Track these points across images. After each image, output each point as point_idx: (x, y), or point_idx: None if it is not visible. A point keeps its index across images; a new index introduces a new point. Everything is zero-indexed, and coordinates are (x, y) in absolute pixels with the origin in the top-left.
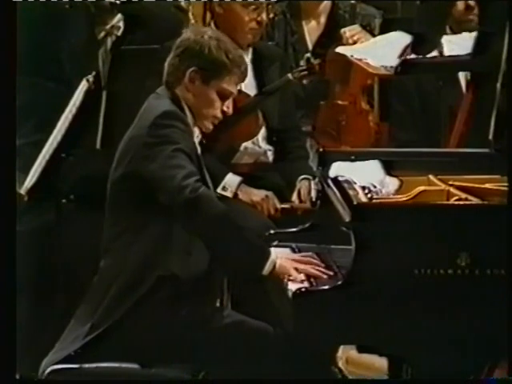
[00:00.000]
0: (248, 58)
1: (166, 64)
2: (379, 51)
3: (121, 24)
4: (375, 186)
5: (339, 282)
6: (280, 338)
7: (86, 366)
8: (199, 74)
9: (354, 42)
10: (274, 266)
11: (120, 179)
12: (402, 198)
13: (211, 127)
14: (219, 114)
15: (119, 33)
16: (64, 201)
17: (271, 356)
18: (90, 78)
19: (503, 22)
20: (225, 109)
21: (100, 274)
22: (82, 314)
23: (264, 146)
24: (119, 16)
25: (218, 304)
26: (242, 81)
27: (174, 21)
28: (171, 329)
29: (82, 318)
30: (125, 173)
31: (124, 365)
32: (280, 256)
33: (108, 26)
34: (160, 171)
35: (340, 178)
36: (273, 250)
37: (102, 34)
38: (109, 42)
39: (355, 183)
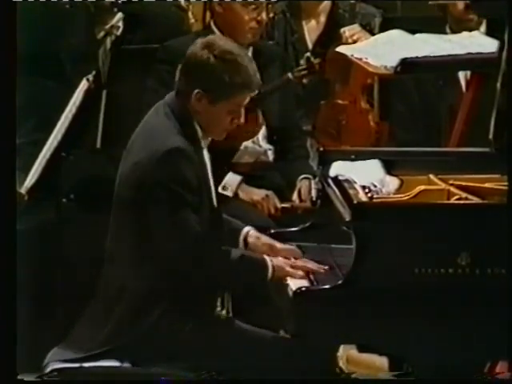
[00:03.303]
0: None
1: (177, 75)
2: (379, 50)
3: (120, 24)
4: (375, 186)
5: (340, 281)
6: (281, 342)
7: (86, 365)
8: (205, 95)
9: (354, 42)
10: (274, 271)
11: (128, 202)
12: (403, 197)
13: (223, 137)
14: (230, 126)
15: (118, 32)
16: (64, 200)
17: (271, 360)
18: (90, 77)
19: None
20: (235, 121)
21: (106, 283)
22: (95, 314)
23: (264, 145)
24: (119, 16)
25: (218, 304)
26: (254, 93)
27: (174, 20)
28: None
29: (96, 319)
30: (132, 197)
31: (124, 365)
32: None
33: (107, 26)
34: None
35: (340, 178)
36: (266, 256)
37: (102, 33)
38: (108, 41)
39: (355, 182)
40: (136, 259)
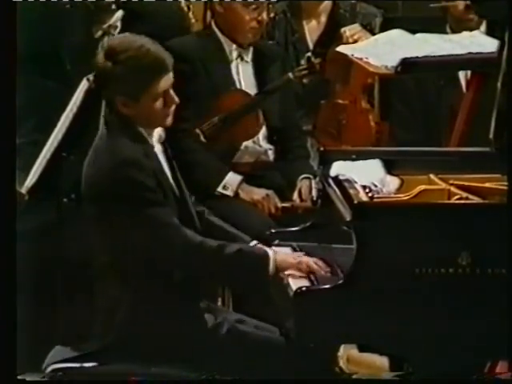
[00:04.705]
0: (249, 57)
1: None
2: (380, 50)
3: (118, 23)
4: (376, 185)
5: (340, 281)
6: (282, 344)
7: (87, 365)
8: (125, 99)
9: (355, 42)
10: (276, 263)
11: (95, 220)
12: (403, 197)
13: (170, 122)
14: (167, 111)
15: (116, 32)
16: (65, 200)
17: (272, 362)
18: (91, 77)
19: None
20: (170, 103)
21: (101, 294)
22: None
23: (264, 145)
24: (117, 15)
25: (219, 303)
26: (170, 72)
27: (174, 20)
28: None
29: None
30: (97, 214)
31: (124, 365)
32: (278, 251)
33: (105, 25)
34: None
35: (341, 177)
36: (268, 248)
37: (99, 33)
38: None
39: (356, 182)
40: (122, 271)
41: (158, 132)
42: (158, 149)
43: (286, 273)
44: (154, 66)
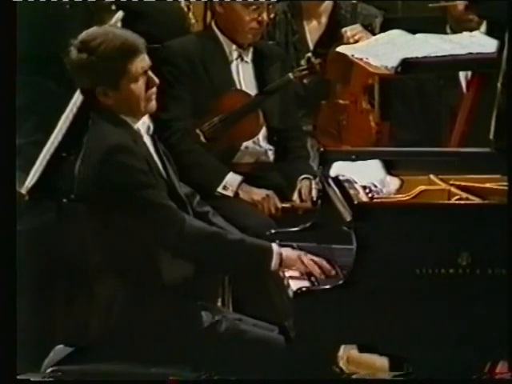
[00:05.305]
0: (249, 57)
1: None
2: (380, 50)
3: (119, 24)
4: (376, 186)
5: (340, 282)
6: (281, 344)
7: (87, 365)
8: (104, 88)
9: (355, 42)
10: (281, 259)
11: (91, 213)
12: (403, 197)
13: (153, 107)
14: (149, 93)
15: None
16: (65, 200)
17: (271, 360)
18: None
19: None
20: (151, 85)
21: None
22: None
23: (265, 145)
24: (117, 16)
25: (219, 303)
26: (143, 53)
27: (175, 20)
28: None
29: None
30: (92, 207)
31: (124, 365)
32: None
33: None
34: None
35: (341, 178)
36: (274, 244)
37: None
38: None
39: (356, 182)
40: (117, 270)
41: (146, 123)
42: (146, 139)
43: (287, 274)
44: (126, 49)
